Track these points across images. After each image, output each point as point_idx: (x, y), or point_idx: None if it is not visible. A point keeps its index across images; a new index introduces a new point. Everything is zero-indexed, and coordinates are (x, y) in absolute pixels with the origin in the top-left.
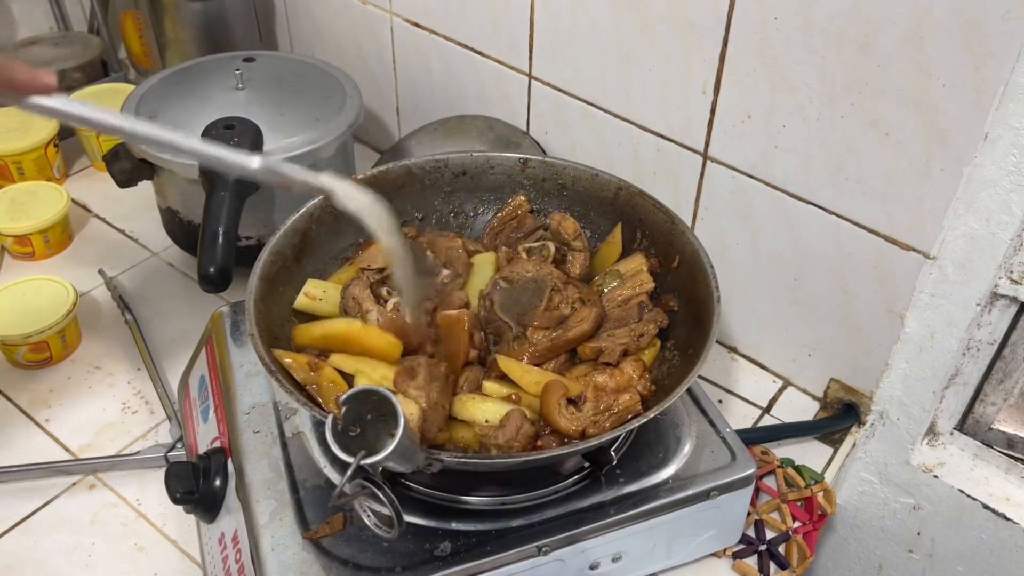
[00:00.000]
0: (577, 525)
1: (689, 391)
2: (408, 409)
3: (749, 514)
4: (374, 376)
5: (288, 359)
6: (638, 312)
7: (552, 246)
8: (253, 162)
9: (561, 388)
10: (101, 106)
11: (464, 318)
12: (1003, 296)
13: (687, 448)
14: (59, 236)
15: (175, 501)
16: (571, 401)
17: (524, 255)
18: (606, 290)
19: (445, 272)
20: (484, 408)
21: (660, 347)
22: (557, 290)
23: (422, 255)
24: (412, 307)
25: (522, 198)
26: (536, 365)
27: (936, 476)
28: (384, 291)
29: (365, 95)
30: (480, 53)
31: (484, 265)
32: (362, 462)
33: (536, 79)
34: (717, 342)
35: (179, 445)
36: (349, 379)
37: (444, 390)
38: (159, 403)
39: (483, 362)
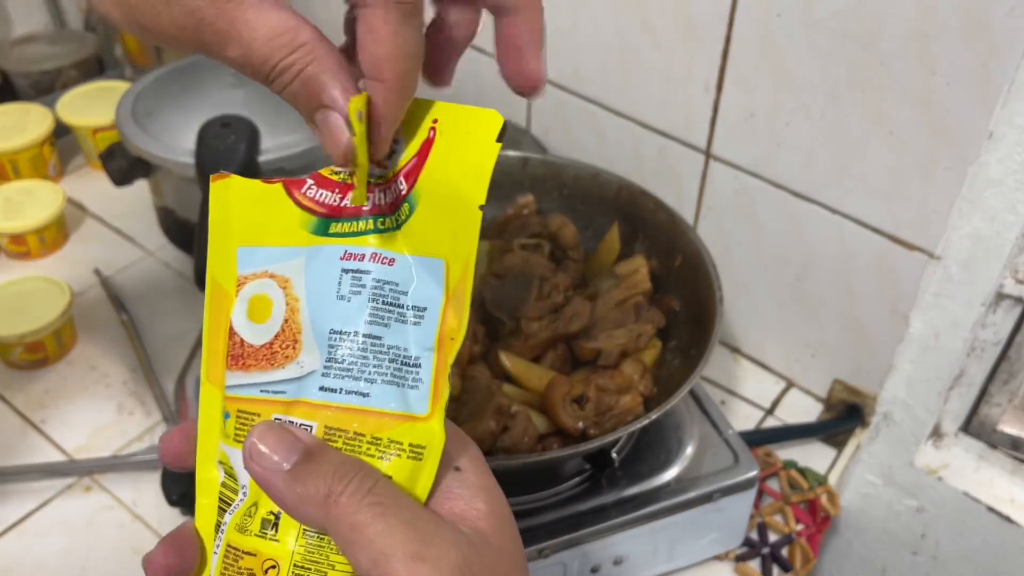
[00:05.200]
0: (578, 528)
1: (691, 392)
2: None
3: (752, 516)
4: None
5: None
6: (635, 313)
7: (547, 246)
8: None
9: (566, 384)
10: None
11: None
12: (1008, 296)
13: (689, 450)
14: (54, 235)
15: (172, 503)
16: (574, 400)
17: (517, 249)
18: (602, 291)
19: None
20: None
21: (662, 348)
22: (546, 279)
23: None
24: None
25: (530, 197)
26: (536, 358)
27: (940, 478)
28: None
29: None
30: (479, 50)
31: (484, 255)
32: None
33: None
34: (720, 342)
35: None
36: None
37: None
38: (156, 404)
39: (485, 357)
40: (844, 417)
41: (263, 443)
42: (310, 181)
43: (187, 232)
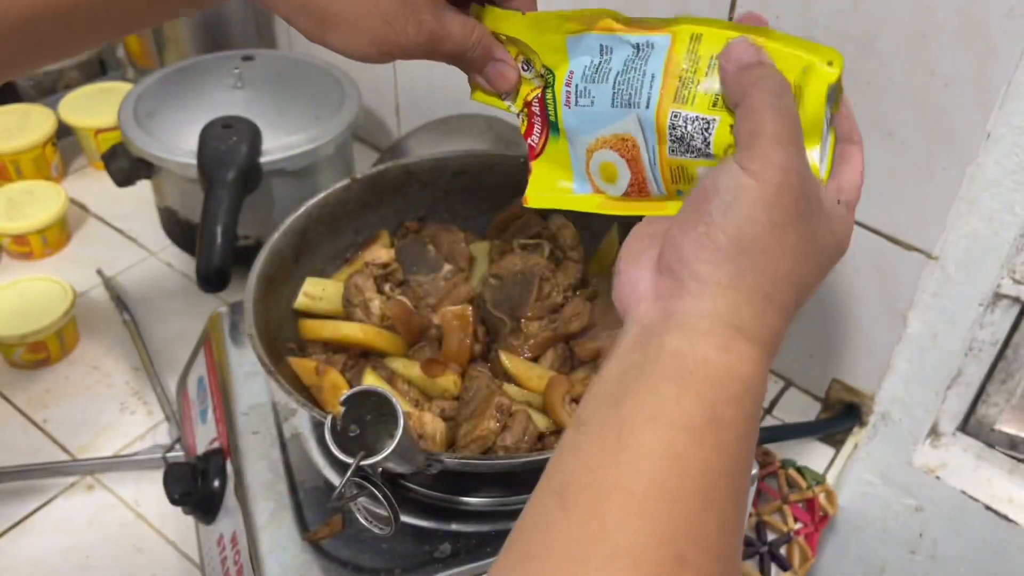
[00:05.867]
0: None
1: None
2: (435, 426)
3: (750, 516)
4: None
5: (296, 365)
6: None
7: (547, 247)
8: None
9: (566, 383)
10: None
11: (468, 313)
12: (1005, 296)
13: None
14: (57, 236)
15: (173, 502)
16: (574, 400)
17: (517, 249)
18: (602, 291)
19: (447, 267)
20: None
21: None
22: (546, 279)
23: (423, 250)
24: None
25: None
26: (536, 357)
27: (938, 477)
28: (387, 287)
29: (364, 93)
30: None
31: (484, 255)
32: (361, 463)
33: None
34: None
35: (177, 446)
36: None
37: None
38: (157, 404)
39: (485, 357)
40: (842, 416)
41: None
42: (530, 142)
43: (189, 232)
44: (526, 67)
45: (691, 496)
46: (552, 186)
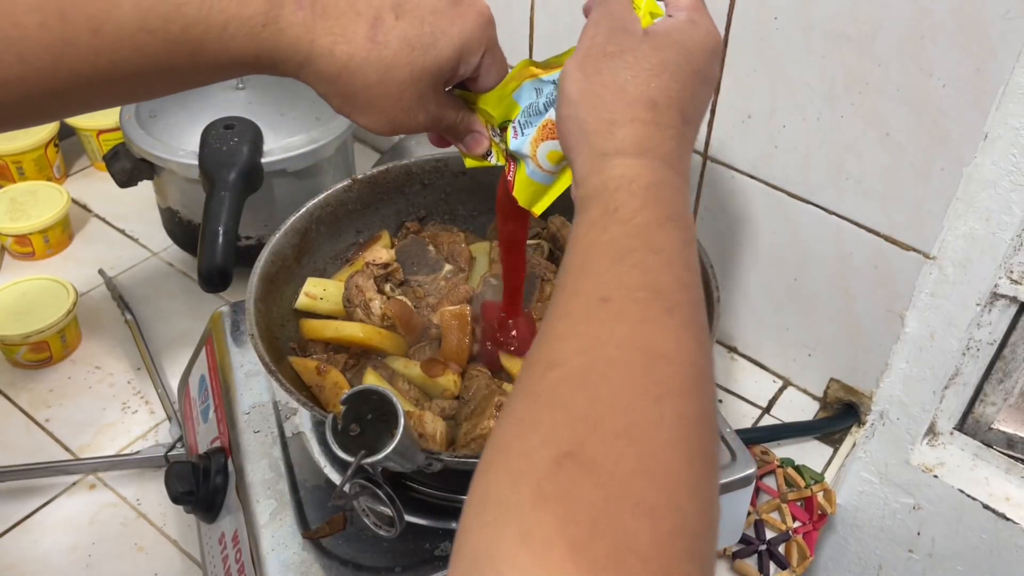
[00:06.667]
0: None
1: None
2: (435, 426)
3: (749, 514)
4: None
5: (298, 365)
6: None
7: (547, 246)
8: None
9: None
10: None
11: (467, 313)
12: (1003, 296)
13: None
14: (59, 236)
15: (175, 501)
16: None
17: None
18: None
19: (447, 267)
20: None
21: None
22: (547, 280)
23: (424, 250)
24: None
25: None
26: None
27: (936, 476)
28: (388, 287)
29: None
30: None
31: (484, 255)
32: (362, 462)
33: None
34: (717, 342)
35: (179, 445)
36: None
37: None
38: (159, 403)
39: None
40: (840, 416)
41: None
42: (509, 178)
43: (191, 233)
44: (494, 131)
45: (604, 260)
46: (541, 193)
